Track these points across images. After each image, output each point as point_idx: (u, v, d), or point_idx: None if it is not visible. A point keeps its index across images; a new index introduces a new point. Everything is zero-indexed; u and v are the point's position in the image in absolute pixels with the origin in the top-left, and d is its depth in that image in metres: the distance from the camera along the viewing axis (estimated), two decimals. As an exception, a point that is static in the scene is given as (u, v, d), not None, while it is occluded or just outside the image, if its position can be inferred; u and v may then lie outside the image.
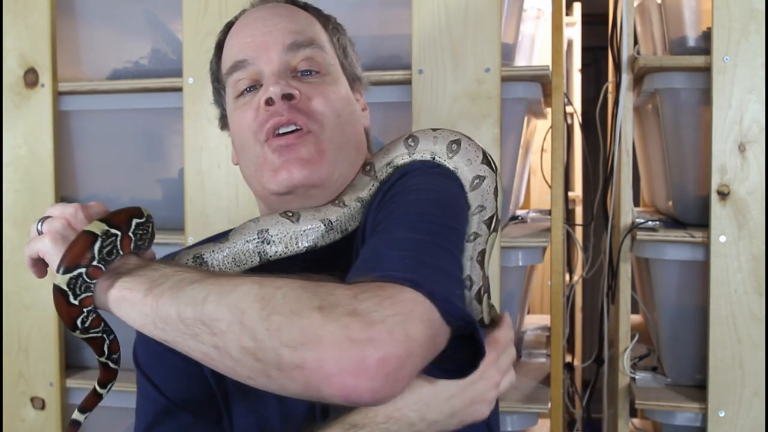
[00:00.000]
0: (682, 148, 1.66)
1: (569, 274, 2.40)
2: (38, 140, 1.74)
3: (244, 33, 0.95)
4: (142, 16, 1.80)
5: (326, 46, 0.97)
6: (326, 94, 0.92)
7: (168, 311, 0.68)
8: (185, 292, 0.68)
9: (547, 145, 2.13)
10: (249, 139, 0.93)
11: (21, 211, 1.75)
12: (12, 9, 1.74)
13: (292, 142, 0.89)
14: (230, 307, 0.65)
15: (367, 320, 0.61)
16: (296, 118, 0.89)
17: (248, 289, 0.65)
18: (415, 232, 0.76)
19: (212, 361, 0.67)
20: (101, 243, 0.72)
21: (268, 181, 0.91)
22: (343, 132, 0.93)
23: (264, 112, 0.90)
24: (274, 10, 0.96)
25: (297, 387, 0.63)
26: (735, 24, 1.51)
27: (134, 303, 0.70)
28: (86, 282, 0.72)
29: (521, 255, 1.65)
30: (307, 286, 0.65)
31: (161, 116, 1.78)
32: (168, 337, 0.69)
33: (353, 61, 1.02)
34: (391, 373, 0.61)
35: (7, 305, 1.77)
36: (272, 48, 0.92)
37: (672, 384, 1.70)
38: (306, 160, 0.89)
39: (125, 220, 0.76)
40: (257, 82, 0.93)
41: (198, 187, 1.67)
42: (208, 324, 0.65)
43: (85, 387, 1.76)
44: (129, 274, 0.73)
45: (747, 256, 1.53)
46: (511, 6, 1.66)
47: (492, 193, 0.89)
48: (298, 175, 0.88)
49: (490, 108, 1.54)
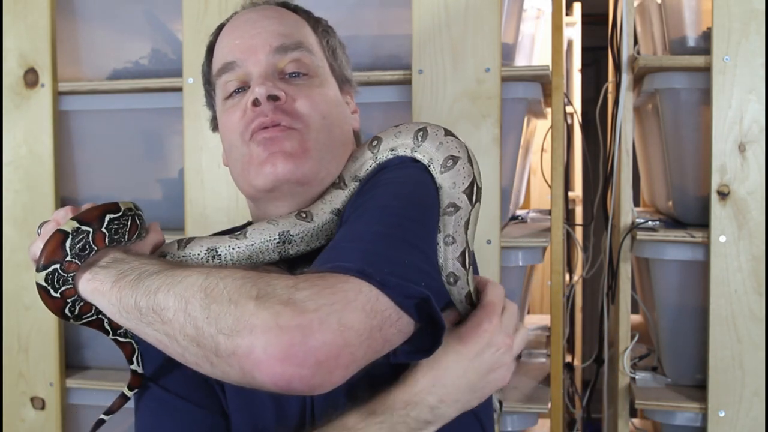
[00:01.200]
0: (682, 148, 1.66)
1: (569, 274, 2.41)
2: (38, 140, 1.74)
3: (234, 35, 0.96)
4: (142, 16, 1.80)
5: (315, 49, 0.97)
6: (312, 96, 0.93)
7: (129, 301, 0.73)
8: (143, 283, 0.73)
9: (547, 145, 2.13)
10: (236, 139, 0.93)
11: (21, 211, 1.75)
12: (12, 9, 1.74)
13: (276, 134, 0.89)
14: (177, 297, 0.69)
15: (300, 308, 0.63)
16: (281, 118, 0.89)
17: (194, 279, 0.69)
18: (376, 224, 0.77)
19: (165, 347, 0.71)
20: (72, 240, 0.77)
21: (254, 177, 0.91)
22: (330, 133, 0.93)
23: (250, 112, 0.91)
24: (264, 13, 0.97)
25: (235, 374, 0.65)
26: (735, 24, 1.51)
27: (103, 293, 0.76)
28: (63, 276, 0.78)
29: (521, 255, 1.65)
30: (250, 276, 0.68)
31: (161, 116, 1.78)
32: (131, 324, 0.74)
33: (343, 63, 1.02)
34: (324, 361, 0.62)
35: (7, 305, 1.77)
36: (260, 50, 0.93)
37: (672, 384, 1.70)
38: (290, 153, 0.89)
39: (97, 217, 0.80)
40: (245, 84, 0.94)
41: (198, 187, 1.67)
42: (159, 312, 0.70)
43: (85, 387, 1.76)
44: (102, 267, 0.78)
45: (747, 256, 1.53)
46: (511, 6, 1.66)
47: (468, 163, 0.87)
48: (282, 168, 0.89)
49: (490, 108, 1.54)
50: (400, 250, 0.75)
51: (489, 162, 1.54)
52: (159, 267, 0.75)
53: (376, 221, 0.78)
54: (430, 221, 0.84)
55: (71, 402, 1.78)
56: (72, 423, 1.79)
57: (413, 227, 0.79)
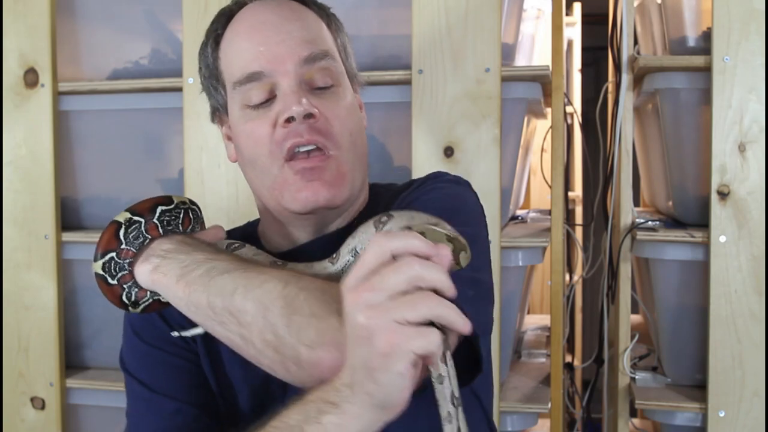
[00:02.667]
0: (682, 148, 1.66)
1: (569, 274, 2.41)
2: (38, 140, 1.74)
3: (255, 40, 0.91)
4: (142, 16, 1.80)
5: (336, 54, 0.95)
6: (339, 112, 0.91)
7: (199, 298, 0.75)
8: (216, 282, 0.75)
9: (547, 145, 2.12)
10: (263, 155, 0.90)
11: (21, 211, 1.75)
12: (12, 9, 1.74)
13: (316, 165, 0.88)
14: (256, 302, 0.71)
15: None
16: (316, 139, 0.88)
17: (273, 286, 0.72)
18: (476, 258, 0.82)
19: (238, 348, 0.73)
20: (125, 230, 0.83)
21: (289, 202, 0.90)
22: (355, 148, 0.93)
23: (281, 129, 0.88)
24: (281, 12, 0.92)
25: (312, 382, 0.67)
26: (735, 24, 1.51)
27: (168, 287, 0.78)
28: (119, 263, 0.83)
29: (521, 255, 1.65)
30: (328, 291, 0.70)
31: (161, 116, 1.78)
32: (199, 319, 0.77)
33: (352, 59, 1.00)
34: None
35: (7, 305, 1.77)
36: (288, 60, 0.89)
37: (672, 384, 1.70)
38: (330, 183, 0.89)
39: (149, 208, 0.85)
40: (272, 95, 0.90)
41: (198, 187, 1.67)
42: (235, 315, 0.72)
43: (85, 387, 1.76)
44: (162, 257, 0.80)
45: (747, 256, 1.53)
46: (511, 6, 1.66)
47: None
48: (323, 198, 0.88)
49: (490, 108, 1.54)
50: (480, 271, 0.82)
51: (489, 162, 1.54)
52: (228, 264, 0.77)
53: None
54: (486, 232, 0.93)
55: (71, 402, 1.77)
56: (72, 423, 1.79)
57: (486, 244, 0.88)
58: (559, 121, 1.67)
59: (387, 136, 1.67)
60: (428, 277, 0.60)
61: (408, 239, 0.61)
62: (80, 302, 1.80)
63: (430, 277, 0.60)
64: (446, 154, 1.56)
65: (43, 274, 1.74)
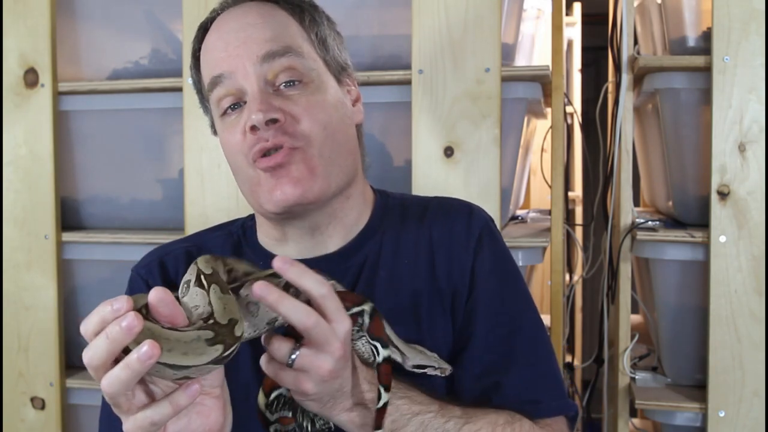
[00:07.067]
0: (682, 148, 1.66)
1: (569, 274, 2.41)
2: (38, 140, 1.74)
3: (218, 46, 0.94)
4: (142, 16, 1.80)
5: (305, 50, 0.94)
6: (310, 108, 0.91)
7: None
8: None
9: (547, 145, 2.13)
10: (240, 160, 0.93)
11: (21, 211, 1.75)
12: (12, 9, 1.74)
13: (280, 161, 0.89)
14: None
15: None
16: (282, 140, 0.89)
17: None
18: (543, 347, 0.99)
19: None
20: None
21: (265, 203, 0.92)
22: (333, 142, 0.92)
23: (250, 136, 0.90)
24: (246, 19, 0.93)
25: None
26: (735, 24, 1.51)
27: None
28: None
29: (521, 255, 1.65)
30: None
31: (161, 116, 1.78)
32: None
33: (336, 51, 0.98)
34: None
35: (7, 305, 1.77)
36: (246, 60, 0.90)
37: (672, 384, 1.70)
38: (297, 179, 0.89)
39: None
40: (239, 99, 0.92)
41: (198, 187, 1.67)
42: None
43: (85, 387, 1.76)
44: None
45: (747, 256, 1.53)
46: (511, 6, 1.66)
47: None
48: (292, 195, 0.89)
49: (490, 108, 1.54)
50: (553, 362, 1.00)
51: (489, 162, 1.54)
52: (436, 420, 0.84)
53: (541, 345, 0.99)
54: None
55: (71, 402, 1.77)
56: (72, 423, 1.79)
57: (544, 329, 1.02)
58: (559, 121, 1.67)
59: (387, 136, 1.67)
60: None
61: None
62: (80, 302, 1.80)
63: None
64: (446, 154, 1.56)
65: (43, 274, 1.74)
